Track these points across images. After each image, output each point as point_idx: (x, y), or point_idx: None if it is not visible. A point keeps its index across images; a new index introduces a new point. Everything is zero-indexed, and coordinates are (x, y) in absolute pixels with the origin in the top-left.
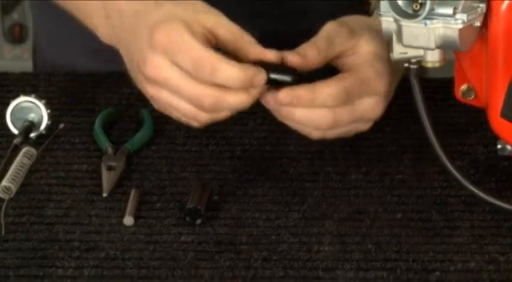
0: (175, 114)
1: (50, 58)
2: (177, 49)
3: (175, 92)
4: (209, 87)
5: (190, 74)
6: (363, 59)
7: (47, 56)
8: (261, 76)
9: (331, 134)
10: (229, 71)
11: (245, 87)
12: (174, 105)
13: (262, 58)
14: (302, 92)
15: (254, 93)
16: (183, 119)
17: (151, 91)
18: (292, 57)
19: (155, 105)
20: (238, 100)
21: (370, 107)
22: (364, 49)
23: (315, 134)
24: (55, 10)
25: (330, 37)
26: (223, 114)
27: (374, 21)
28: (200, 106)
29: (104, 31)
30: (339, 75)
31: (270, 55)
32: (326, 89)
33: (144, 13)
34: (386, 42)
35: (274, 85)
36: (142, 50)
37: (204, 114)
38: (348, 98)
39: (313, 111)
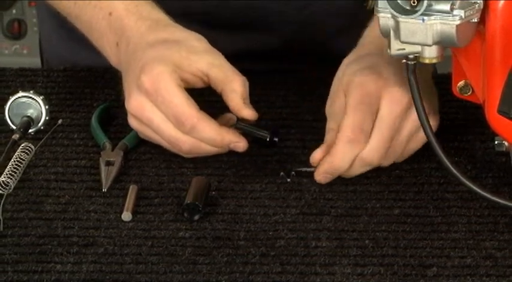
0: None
1: (56, 52)
2: (160, 98)
3: (156, 131)
4: (187, 135)
5: (171, 120)
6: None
7: (53, 50)
8: (241, 144)
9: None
10: (207, 133)
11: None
12: (156, 141)
13: (237, 113)
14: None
15: (229, 147)
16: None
17: (134, 124)
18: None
19: (140, 135)
20: (213, 150)
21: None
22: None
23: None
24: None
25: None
26: (201, 155)
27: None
28: (178, 149)
29: (113, 57)
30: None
31: (246, 114)
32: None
33: (141, 50)
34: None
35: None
36: (130, 85)
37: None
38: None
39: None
